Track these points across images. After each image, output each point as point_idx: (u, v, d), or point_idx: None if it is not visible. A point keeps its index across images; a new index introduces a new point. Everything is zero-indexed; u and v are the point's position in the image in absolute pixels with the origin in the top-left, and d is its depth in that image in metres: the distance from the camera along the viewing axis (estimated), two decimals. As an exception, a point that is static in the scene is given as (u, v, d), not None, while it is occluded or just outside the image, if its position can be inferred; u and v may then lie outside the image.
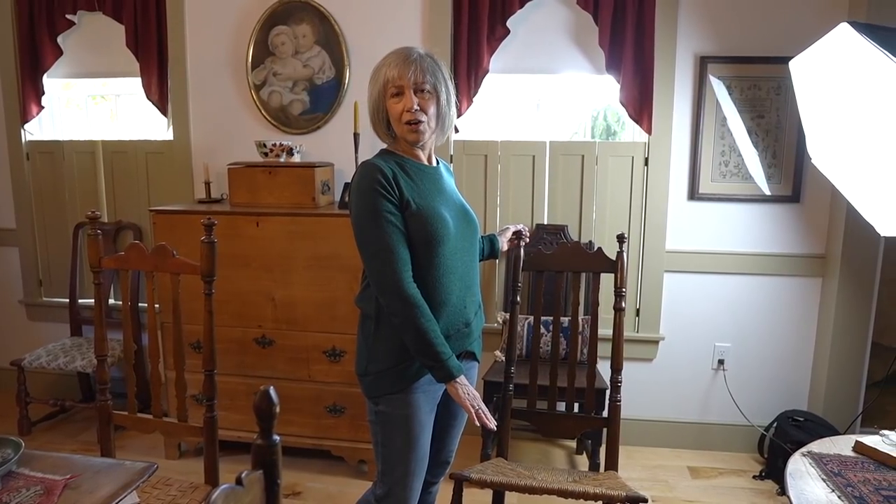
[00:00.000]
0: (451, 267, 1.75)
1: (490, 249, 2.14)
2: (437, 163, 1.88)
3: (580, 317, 3.05)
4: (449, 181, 1.90)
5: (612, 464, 2.16)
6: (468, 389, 1.71)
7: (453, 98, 1.81)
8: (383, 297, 1.68)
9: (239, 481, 0.93)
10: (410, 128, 1.72)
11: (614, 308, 2.19)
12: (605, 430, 2.19)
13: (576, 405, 2.86)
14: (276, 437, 0.99)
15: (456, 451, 2.06)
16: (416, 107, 1.70)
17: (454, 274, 1.76)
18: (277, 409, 0.97)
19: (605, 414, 2.23)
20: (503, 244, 2.19)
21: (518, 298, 2.29)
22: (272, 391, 0.97)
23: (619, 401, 2.18)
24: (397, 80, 1.70)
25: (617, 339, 2.19)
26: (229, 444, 2.90)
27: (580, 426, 2.41)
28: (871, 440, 1.87)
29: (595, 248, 2.30)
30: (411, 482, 1.81)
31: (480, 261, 2.09)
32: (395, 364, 1.74)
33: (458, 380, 1.69)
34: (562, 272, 2.28)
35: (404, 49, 1.75)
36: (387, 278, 1.65)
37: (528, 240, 2.25)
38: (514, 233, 2.21)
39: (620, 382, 2.18)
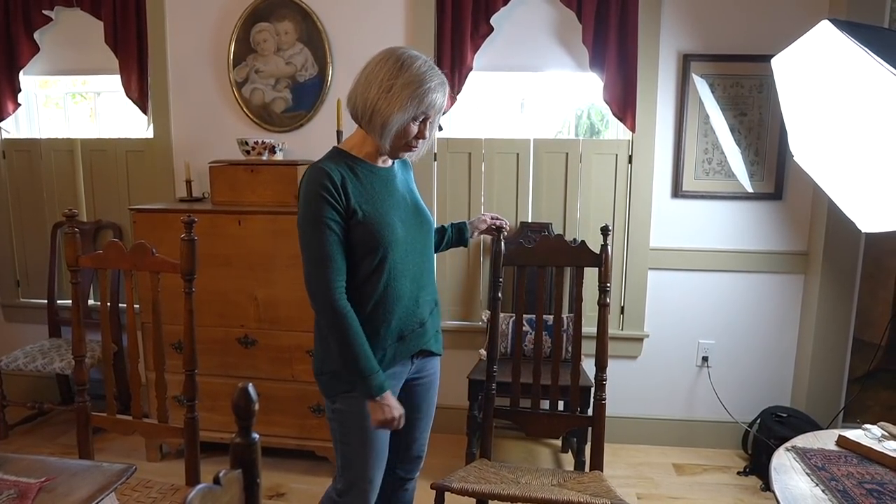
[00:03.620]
0: (402, 270, 1.75)
1: (458, 238, 2.11)
2: (392, 162, 1.84)
3: (564, 314, 3.05)
4: (404, 179, 1.87)
5: (597, 463, 2.13)
6: (388, 410, 1.69)
7: None
8: (314, 302, 1.68)
9: (217, 481, 0.91)
10: (409, 149, 1.73)
11: (599, 304, 2.16)
12: (589, 429, 2.18)
13: (561, 403, 2.86)
14: (255, 436, 0.97)
15: (427, 443, 2.03)
16: (428, 134, 1.71)
17: (405, 276, 1.76)
18: (256, 407, 0.95)
19: (589, 412, 2.21)
20: (473, 233, 2.14)
21: (500, 295, 2.25)
22: (251, 388, 0.95)
23: (604, 400, 2.14)
24: (434, 112, 1.69)
25: (602, 336, 2.14)
26: (212, 446, 2.86)
27: (565, 425, 2.37)
28: (853, 434, 1.88)
29: (580, 241, 2.23)
30: (371, 475, 1.81)
31: (447, 248, 2.11)
32: None
33: (377, 399, 1.68)
34: (544, 267, 2.22)
35: (439, 73, 1.69)
36: (320, 286, 1.66)
37: (507, 232, 2.21)
38: (496, 228, 2.17)
39: (605, 381, 2.15)
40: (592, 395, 2.17)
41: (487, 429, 2.23)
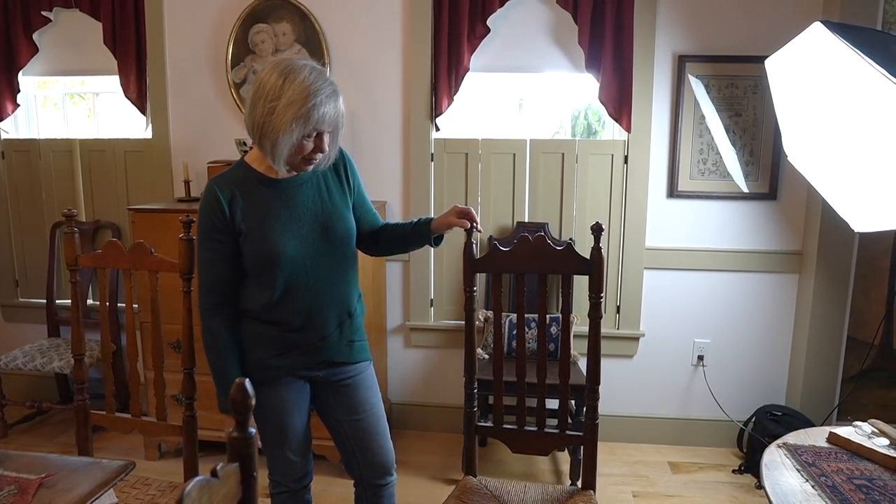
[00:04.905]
0: (298, 285, 1.74)
1: (422, 237, 1.89)
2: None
3: (557, 312, 3.05)
4: (319, 185, 1.79)
5: (589, 482, 1.98)
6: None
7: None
8: (199, 308, 1.77)
9: (214, 474, 0.92)
10: (308, 164, 1.69)
11: (589, 316, 1.88)
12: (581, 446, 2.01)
13: (555, 402, 2.82)
14: (252, 430, 0.99)
15: (390, 446, 1.97)
16: (326, 147, 1.67)
17: (303, 291, 1.75)
18: (253, 402, 0.97)
19: (583, 419, 2.09)
20: (440, 231, 1.87)
21: (475, 306, 1.95)
22: (247, 383, 0.97)
23: (597, 420, 1.94)
24: (325, 125, 1.61)
25: (593, 350, 1.89)
26: (210, 445, 2.87)
27: (553, 444, 2.08)
28: (844, 431, 1.90)
29: (565, 243, 1.87)
30: (289, 455, 1.91)
31: (417, 248, 1.96)
32: (255, 359, 1.79)
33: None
34: (524, 275, 1.91)
35: (329, 81, 1.61)
36: (199, 299, 1.76)
37: (480, 230, 1.85)
38: (467, 230, 1.85)
39: (598, 398, 1.93)
40: (584, 414, 1.97)
41: (471, 447, 2.07)
